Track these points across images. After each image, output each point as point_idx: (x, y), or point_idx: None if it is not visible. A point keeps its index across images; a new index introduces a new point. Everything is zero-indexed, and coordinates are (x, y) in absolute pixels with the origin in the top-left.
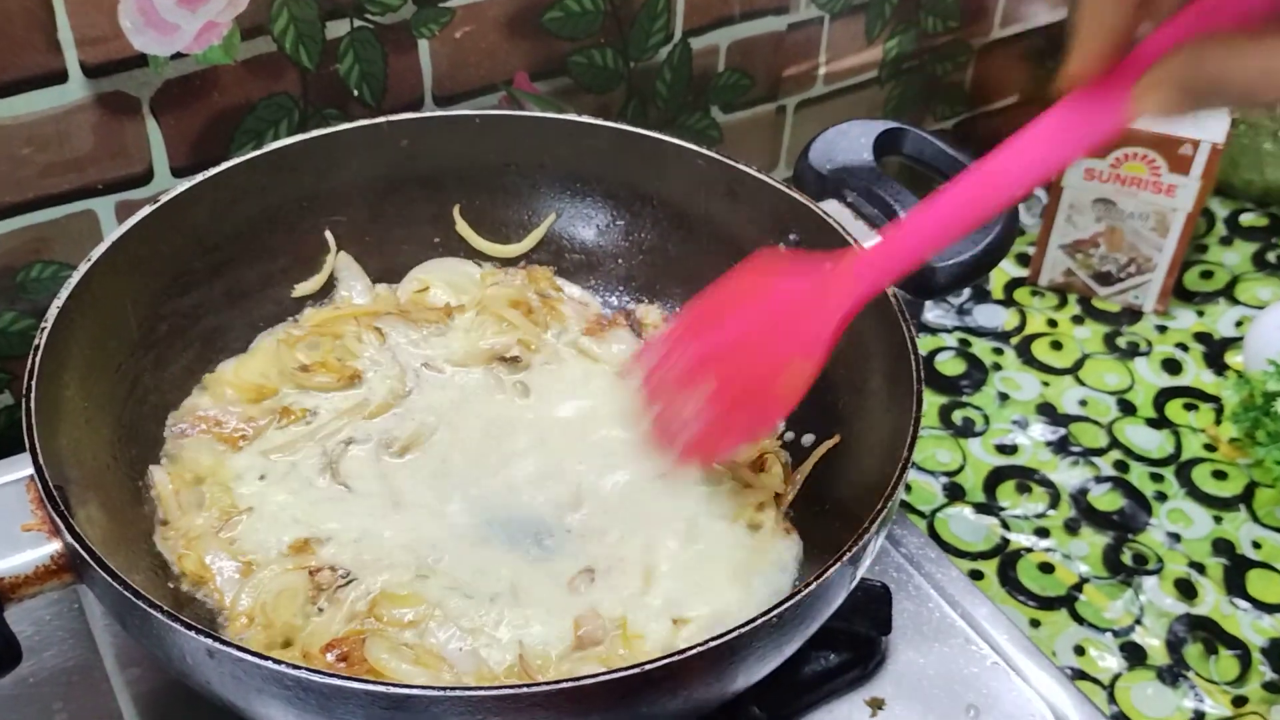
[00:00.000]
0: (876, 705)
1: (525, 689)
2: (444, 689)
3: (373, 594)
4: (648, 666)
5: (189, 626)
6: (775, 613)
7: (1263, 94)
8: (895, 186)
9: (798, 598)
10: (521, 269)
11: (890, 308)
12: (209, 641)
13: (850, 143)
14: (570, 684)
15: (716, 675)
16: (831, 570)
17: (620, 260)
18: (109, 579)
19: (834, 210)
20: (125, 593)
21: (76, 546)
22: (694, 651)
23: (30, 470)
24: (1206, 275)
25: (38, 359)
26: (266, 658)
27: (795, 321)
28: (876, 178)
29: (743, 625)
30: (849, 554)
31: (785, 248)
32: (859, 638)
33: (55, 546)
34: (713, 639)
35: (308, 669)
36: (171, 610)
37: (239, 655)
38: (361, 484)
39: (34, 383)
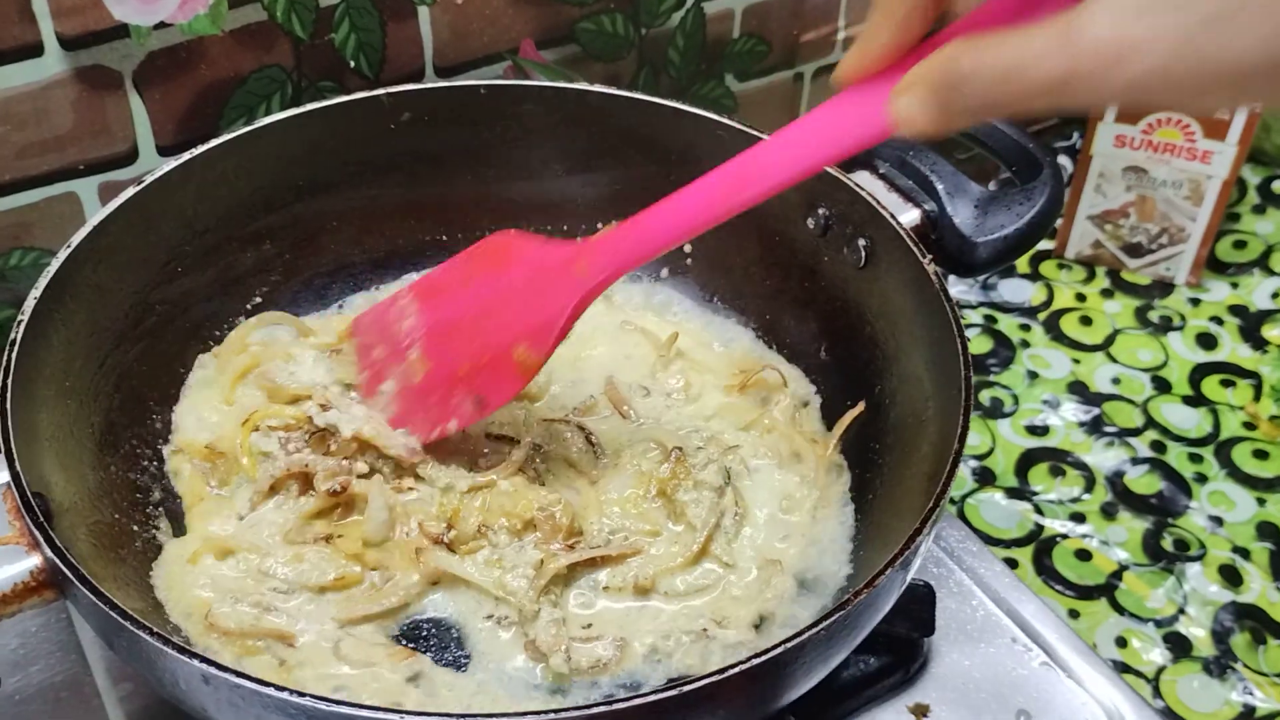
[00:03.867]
0: (921, 712)
1: (554, 715)
2: (462, 716)
3: None
4: (686, 687)
5: (182, 651)
6: (824, 625)
7: (1006, 99)
8: (931, 156)
9: (848, 608)
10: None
11: (931, 286)
12: (205, 667)
13: None
14: (603, 708)
15: (761, 693)
16: (883, 577)
17: None
18: (94, 599)
19: (866, 182)
20: (112, 613)
21: (58, 562)
22: (737, 670)
23: (6, 477)
24: (1240, 245)
25: (14, 354)
26: (267, 684)
27: (529, 305)
28: (909, 147)
29: (789, 639)
30: (900, 559)
31: (812, 223)
32: (900, 640)
33: (35, 561)
34: (756, 655)
35: (313, 696)
36: (163, 632)
37: (237, 681)
38: None
39: (10, 380)
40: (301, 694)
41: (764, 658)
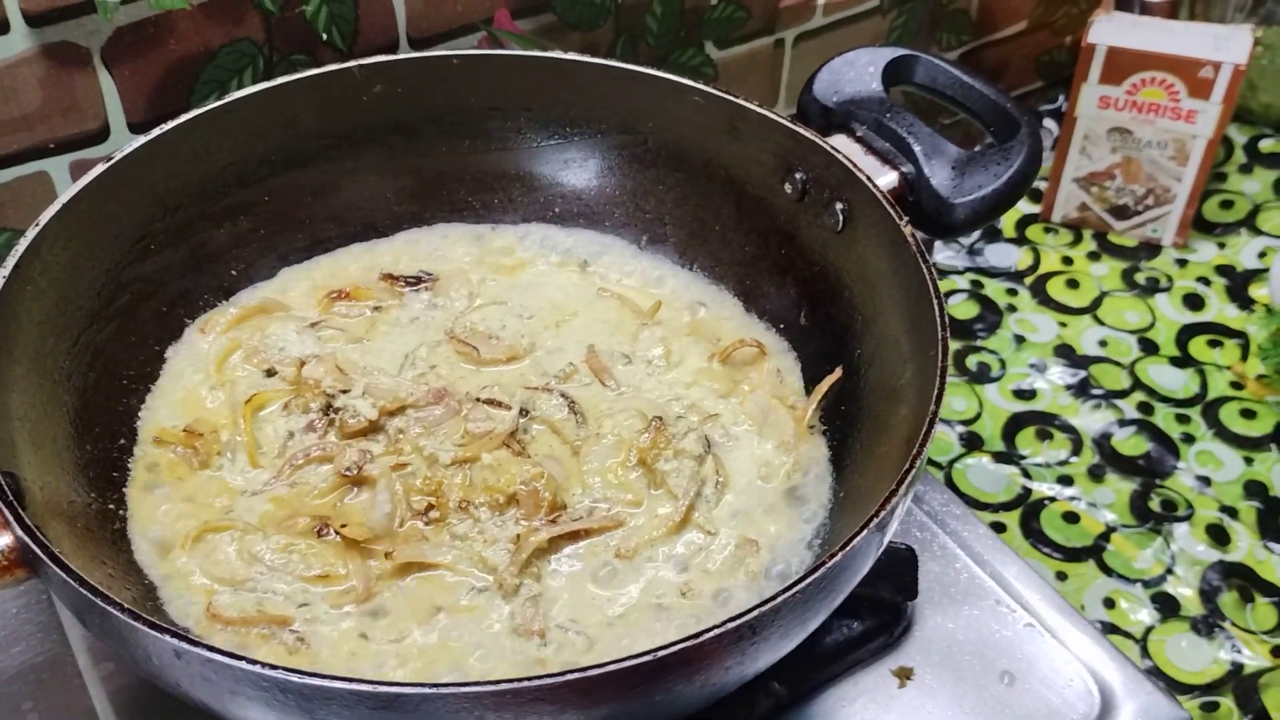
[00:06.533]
0: (905, 675)
1: (527, 682)
2: (437, 686)
3: None
4: (661, 653)
5: (153, 626)
6: (799, 587)
7: None
8: (908, 118)
9: (822, 570)
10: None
11: (908, 249)
12: (175, 642)
13: (858, 72)
14: (577, 675)
15: (738, 657)
16: (858, 538)
17: (618, 208)
18: (64, 576)
19: (843, 145)
20: (83, 590)
21: (28, 540)
22: (711, 634)
23: None
24: (1226, 205)
25: None
26: (239, 658)
27: None
28: (887, 109)
29: (764, 602)
30: (875, 520)
31: (789, 187)
32: (883, 603)
33: (5, 540)
34: (731, 619)
35: (285, 669)
36: (134, 609)
37: (209, 656)
38: None
39: None
40: (273, 666)
41: (739, 621)
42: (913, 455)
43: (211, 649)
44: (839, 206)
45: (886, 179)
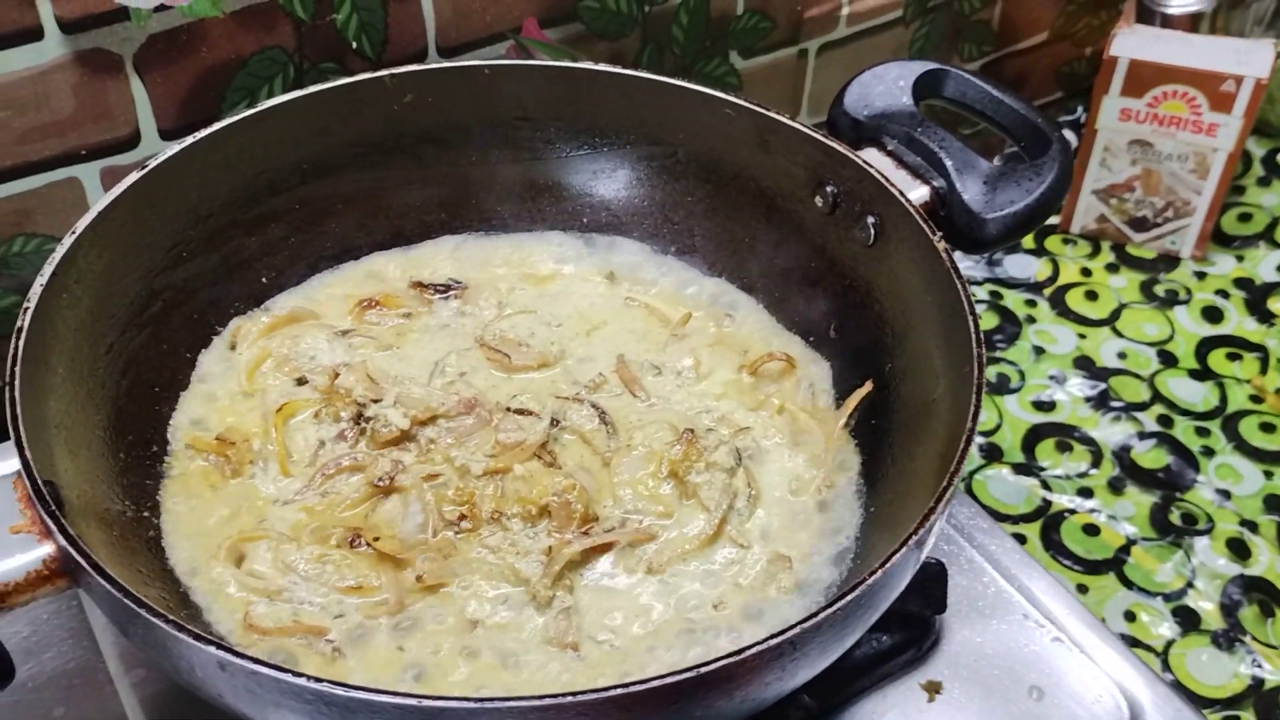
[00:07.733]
0: (933, 689)
1: (571, 697)
2: (481, 700)
3: None
4: (704, 669)
5: (198, 638)
6: (840, 604)
7: None
8: (940, 133)
9: (862, 587)
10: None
11: (941, 264)
12: (221, 653)
13: (888, 86)
14: (620, 690)
15: (778, 673)
16: (897, 555)
17: (647, 219)
18: (108, 585)
19: (874, 159)
20: (126, 600)
21: (70, 550)
22: (754, 650)
23: (17, 465)
24: (1245, 218)
25: (22, 341)
26: (285, 670)
27: None
28: (918, 123)
29: (806, 619)
30: (914, 537)
31: (820, 201)
32: (912, 617)
33: (48, 549)
34: (773, 635)
35: (330, 682)
36: (178, 619)
37: (254, 668)
38: None
39: (18, 367)
40: (318, 679)
41: (781, 637)
42: (950, 472)
43: (257, 661)
44: (870, 220)
45: (918, 193)
